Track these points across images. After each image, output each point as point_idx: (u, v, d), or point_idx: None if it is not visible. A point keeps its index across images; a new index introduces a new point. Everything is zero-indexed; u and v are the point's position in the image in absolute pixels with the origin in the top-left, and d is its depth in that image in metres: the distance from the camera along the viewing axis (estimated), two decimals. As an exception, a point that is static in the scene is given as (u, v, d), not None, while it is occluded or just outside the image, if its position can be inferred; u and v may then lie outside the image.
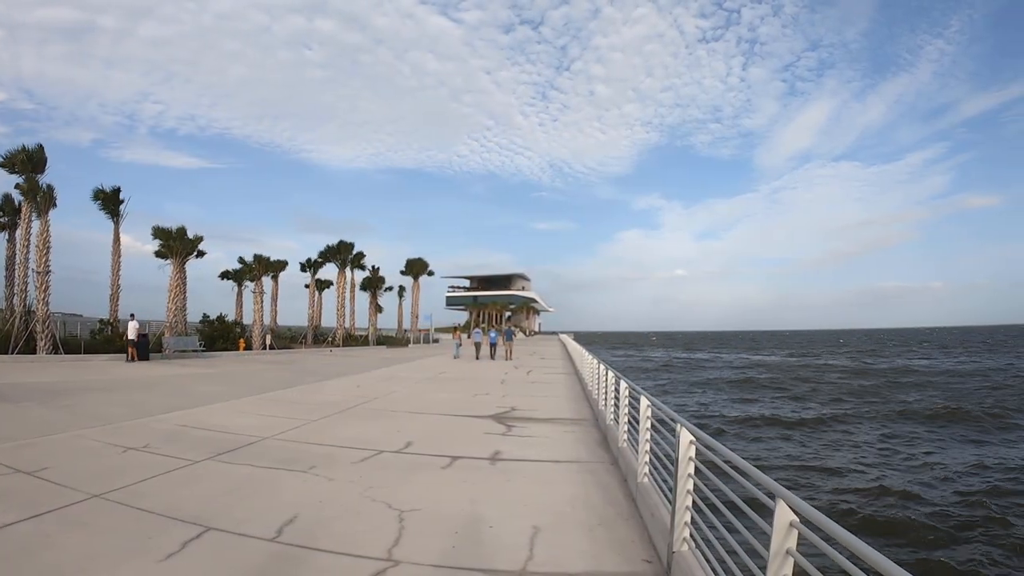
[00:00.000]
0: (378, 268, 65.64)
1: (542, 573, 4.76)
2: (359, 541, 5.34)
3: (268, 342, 44.41)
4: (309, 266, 59.52)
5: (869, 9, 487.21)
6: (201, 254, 38.69)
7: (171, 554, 4.93)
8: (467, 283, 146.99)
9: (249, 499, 6.55)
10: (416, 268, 73.29)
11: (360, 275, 62.79)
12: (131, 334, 29.10)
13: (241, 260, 49.30)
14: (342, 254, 57.84)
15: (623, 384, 8.87)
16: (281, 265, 53.08)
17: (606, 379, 11.32)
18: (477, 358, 36.43)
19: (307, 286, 60.22)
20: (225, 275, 52.16)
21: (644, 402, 6.75)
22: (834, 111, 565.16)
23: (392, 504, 6.44)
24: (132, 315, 29.80)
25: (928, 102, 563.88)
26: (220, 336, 40.24)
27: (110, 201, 35.02)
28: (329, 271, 60.15)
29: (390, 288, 69.11)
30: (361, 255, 59.61)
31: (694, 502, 4.63)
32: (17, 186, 30.69)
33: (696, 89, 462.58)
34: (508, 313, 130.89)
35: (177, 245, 36.65)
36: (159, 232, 36.85)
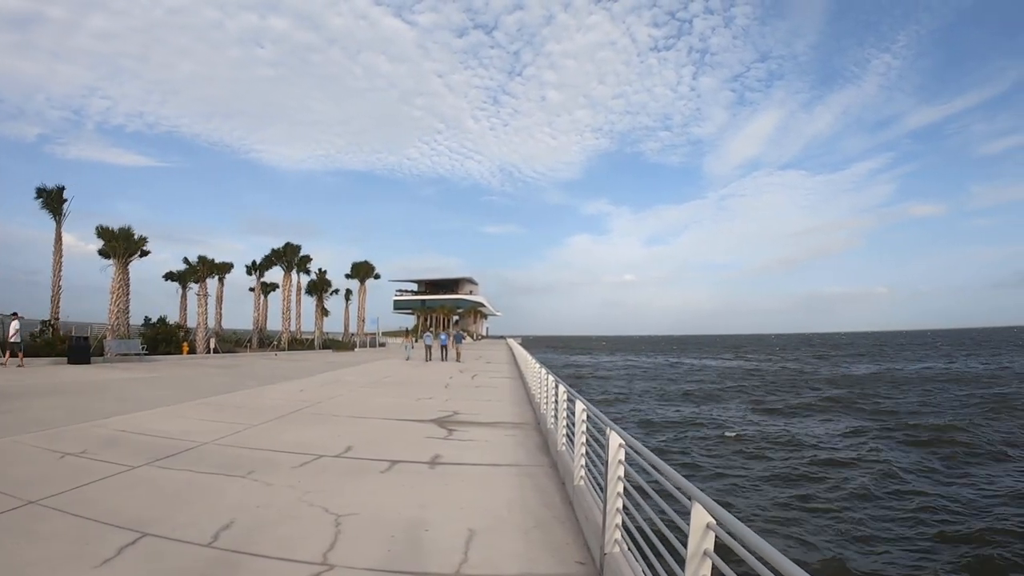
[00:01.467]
0: (325, 271, 65.06)
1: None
2: (295, 546, 5.27)
3: (212, 346, 43.42)
4: (255, 268, 58.27)
5: (819, 23, 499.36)
6: (145, 254, 37.72)
7: (107, 560, 4.81)
8: (415, 287, 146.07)
9: (187, 504, 6.41)
10: (363, 271, 72.66)
11: (306, 278, 62.12)
12: (11, 334, 26.35)
13: (186, 261, 48.07)
14: (288, 256, 57.05)
15: (562, 388, 8.97)
16: (226, 267, 52.06)
17: (546, 383, 11.42)
18: (428, 360, 38.58)
19: (252, 289, 59.13)
20: (169, 276, 50.66)
21: (579, 406, 6.83)
22: (782, 121, 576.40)
23: (329, 508, 6.38)
24: (14, 313, 28.16)
25: (874, 114, 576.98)
26: (163, 339, 39.05)
27: (53, 200, 33.80)
28: (275, 274, 59.25)
29: (336, 291, 68.51)
30: (307, 258, 59.05)
31: (624, 505, 4.69)
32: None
33: (647, 97, 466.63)
34: (456, 317, 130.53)
35: (120, 245, 35.66)
36: (103, 232, 35.83)
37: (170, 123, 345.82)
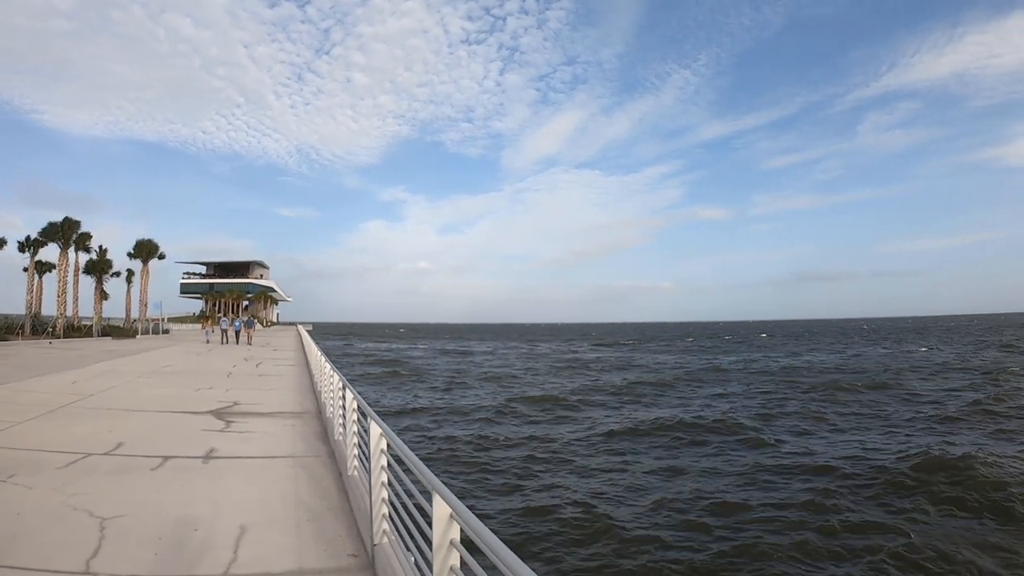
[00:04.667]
0: (106, 250, 58.14)
1: (245, 575, 4.64)
2: (56, 554, 4.78)
3: (-22, 333, 37.93)
4: (28, 245, 51.09)
5: (627, 35, 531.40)
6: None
7: None
8: (203, 269, 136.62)
9: (-61, 516, 5.59)
10: (146, 250, 64.85)
11: (86, 257, 55.32)
12: None
13: (-50, 237, 41.12)
14: (66, 233, 50.01)
15: (336, 377, 8.93)
16: (-3, 243, 45.66)
17: (325, 372, 11.31)
18: (224, 342, 42.19)
19: (26, 269, 52.26)
20: (-69, 255, 43.44)
21: (349, 395, 6.83)
22: (581, 122, 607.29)
23: (95, 512, 5.82)
24: None
25: (670, 123, 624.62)
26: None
27: None
28: (52, 252, 51.47)
29: (118, 273, 61.87)
30: (87, 235, 52.23)
31: (390, 496, 4.71)
32: None
33: (452, 88, 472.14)
34: (246, 302, 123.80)
35: None
36: None
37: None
